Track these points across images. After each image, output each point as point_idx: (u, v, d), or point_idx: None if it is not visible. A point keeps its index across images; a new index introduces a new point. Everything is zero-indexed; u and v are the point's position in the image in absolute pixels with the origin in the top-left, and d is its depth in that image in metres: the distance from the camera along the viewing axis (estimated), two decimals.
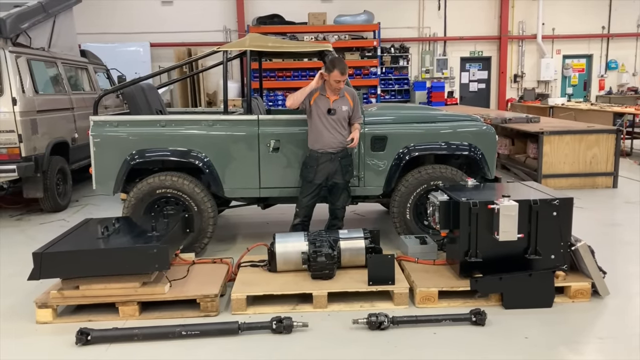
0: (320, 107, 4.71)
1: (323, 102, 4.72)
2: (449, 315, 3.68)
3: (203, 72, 10.08)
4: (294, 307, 3.97)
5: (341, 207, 4.97)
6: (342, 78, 4.61)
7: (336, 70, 4.56)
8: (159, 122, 4.95)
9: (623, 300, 4.02)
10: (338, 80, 4.60)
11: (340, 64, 4.59)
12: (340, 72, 4.56)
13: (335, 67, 4.57)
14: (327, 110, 4.70)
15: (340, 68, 4.57)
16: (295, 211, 4.97)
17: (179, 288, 4.01)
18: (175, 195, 4.93)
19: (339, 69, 4.56)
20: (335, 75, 4.57)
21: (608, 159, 7.80)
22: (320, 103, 4.71)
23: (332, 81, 4.62)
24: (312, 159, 4.78)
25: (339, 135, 4.74)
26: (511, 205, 3.83)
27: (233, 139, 4.97)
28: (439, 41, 15.96)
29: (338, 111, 4.71)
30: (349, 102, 4.78)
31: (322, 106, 4.71)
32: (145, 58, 14.82)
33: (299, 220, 4.91)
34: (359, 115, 4.87)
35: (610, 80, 16.51)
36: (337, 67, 4.56)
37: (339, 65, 4.58)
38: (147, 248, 3.73)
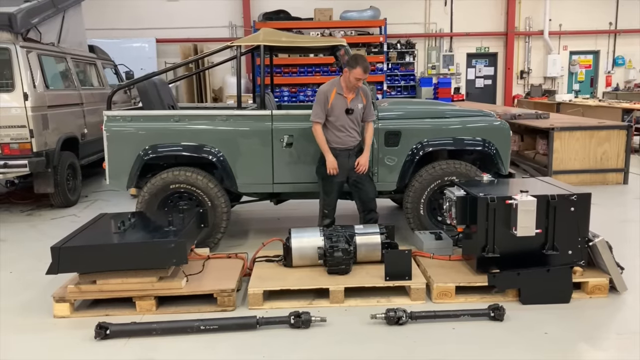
0: (338, 107, 4.67)
1: (341, 102, 4.68)
2: (468, 311, 3.67)
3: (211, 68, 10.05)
4: (311, 302, 3.97)
5: (372, 197, 4.91)
6: (364, 77, 4.57)
7: (359, 68, 4.50)
8: (172, 117, 4.94)
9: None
10: (359, 78, 4.55)
11: (363, 62, 4.54)
12: (362, 70, 4.51)
13: (359, 64, 4.51)
14: (345, 110, 4.68)
15: (364, 66, 4.52)
16: (323, 213, 4.90)
17: (196, 283, 4.01)
18: (189, 191, 4.93)
19: (362, 66, 4.51)
20: (357, 72, 4.52)
21: (619, 155, 7.78)
22: (338, 103, 4.67)
23: (352, 78, 4.56)
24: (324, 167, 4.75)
25: (354, 133, 4.73)
26: (529, 200, 3.81)
27: (246, 134, 4.96)
28: (445, 37, 15.91)
29: (355, 110, 4.70)
30: (363, 99, 4.76)
31: (340, 106, 4.68)
32: (151, 54, 14.82)
33: (329, 222, 4.86)
34: (372, 113, 4.84)
35: (617, 76, 16.45)
36: (360, 65, 4.50)
37: (363, 63, 4.52)
38: (165, 243, 3.73)
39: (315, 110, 4.67)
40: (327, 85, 4.73)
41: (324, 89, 4.69)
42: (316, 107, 4.67)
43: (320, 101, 4.65)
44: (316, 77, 14.51)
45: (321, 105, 4.65)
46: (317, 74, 14.53)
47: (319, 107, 4.65)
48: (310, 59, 14.26)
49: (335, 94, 4.65)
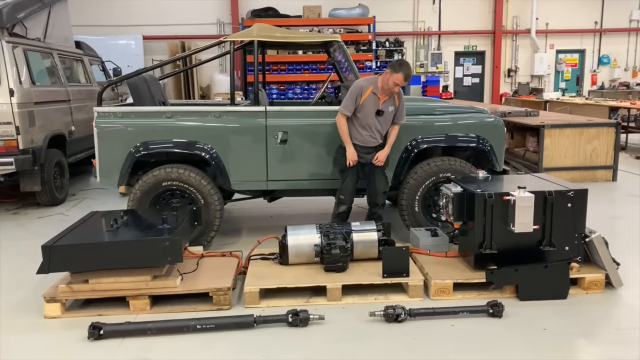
0: (369, 107, 4.64)
1: (373, 102, 4.64)
2: (466, 308, 3.65)
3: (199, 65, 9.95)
4: (308, 300, 3.92)
5: (381, 191, 4.88)
6: (404, 83, 4.55)
7: (401, 74, 4.46)
8: (164, 114, 4.86)
9: (637, 291, 4.02)
10: (397, 83, 4.52)
11: (407, 69, 4.50)
12: (404, 76, 4.48)
13: (402, 70, 4.47)
14: (376, 111, 4.65)
15: (406, 73, 4.48)
16: (340, 198, 4.87)
17: (190, 281, 3.94)
18: (182, 188, 4.85)
19: (404, 73, 4.47)
20: (398, 77, 4.48)
21: (608, 153, 7.84)
22: (370, 102, 4.63)
23: (391, 82, 4.52)
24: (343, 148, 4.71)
25: (378, 134, 4.74)
26: (527, 196, 3.80)
27: (240, 131, 4.90)
28: (434, 35, 15.96)
29: (385, 112, 4.68)
30: (396, 102, 4.73)
31: (372, 106, 4.64)
32: (138, 51, 14.63)
33: (345, 208, 4.84)
34: (403, 116, 4.82)
35: (602, 75, 16.64)
36: (403, 71, 4.46)
37: (406, 70, 4.48)
38: (160, 241, 3.66)
39: (346, 103, 4.61)
40: (364, 81, 4.68)
41: (361, 84, 4.63)
42: (347, 100, 4.61)
43: (353, 95, 4.60)
44: (305, 75, 14.46)
45: (353, 99, 4.60)
46: (306, 72, 14.46)
47: (350, 101, 4.60)
48: (299, 57, 14.21)
49: (370, 92, 4.61)
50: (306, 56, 14.28)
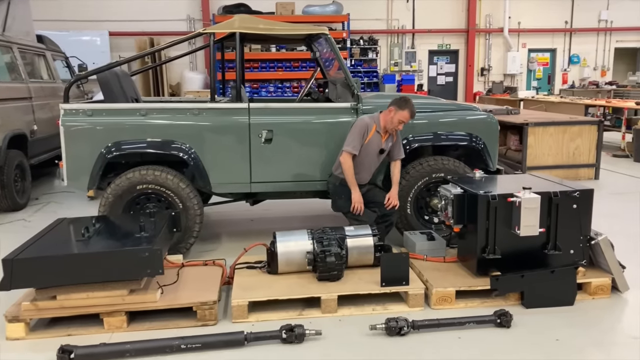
0: (373, 146, 4.42)
1: (377, 141, 4.43)
2: (473, 318, 3.40)
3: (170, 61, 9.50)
4: (300, 313, 3.62)
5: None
6: (407, 120, 4.34)
7: (406, 111, 4.27)
8: (138, 111, 4.48)
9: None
10: (402, 121, 4.31)
11: (412, 105, 4.30)
12: (410, 113, 4.29)
13: (408, 106, 4.26)
14: (379, 150, 4.45)
15: (412, 111, 4.28)
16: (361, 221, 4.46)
17: (171, 295, 3.59)
18: (158, 192, 4.48)
19: (410, 110, 4.27)
20: (404, 115, 4.28)
21: (590, 151, 7.78)
22: (374, 140, 4.41)
23: (396, 120, 4.30)
24: (344, 188, 4.43)
25: (374, 171, 4.56)
26: (533, 197, 3.59)
27: (221, 129, 4.56)
28: (408, 34, 15.83)
29: (386, 151, 4.50)
30: (394, 137, 4.53)
31: (375, 145, 4.43)
32: (104, 48, 14.05)
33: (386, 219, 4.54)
34: (401, 152, 4.60)
35: (572, 74, 16.82)
36: (409, 108, 4.27)
37: (411, 107, 4.28)
38: (138, 251, 3.29)
39: (353, 141, 4.34)
40: (369, 119, 4.42)
41: (367, 121, 4.38)
42: (355, 138, 4.34)
43: (361, 132, 4.34)
44: (278, 73, 14.12)
45: (360, 136, 4.35)
46: (280, 70, 14.13)
47: (357, 138, 4.34)
48: (273, 54, 13.88)
49: (374, 131, 4.38)
50: (280, 54, 13.95)
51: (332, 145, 4.67)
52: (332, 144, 4.67)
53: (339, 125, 4.68)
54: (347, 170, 4.33)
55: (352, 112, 4.69)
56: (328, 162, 4.66)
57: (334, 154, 4.62)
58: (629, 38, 16.80)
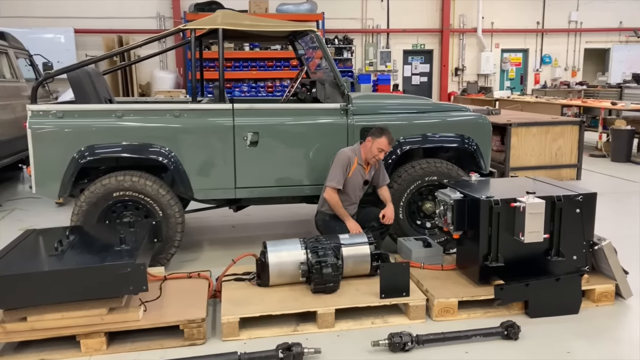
0: (357, 178, 4.27)
1: (360, 173, 4.29)
2: (479, 330, 3.23)
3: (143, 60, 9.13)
4: (295, 329, 3.38)
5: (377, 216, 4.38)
6: (388, 149, 4.16)
7: (384, 138, 4.10)
8: (114, 113, 4.17)
9: None
10: (382, 149, 4.13)
11: (389, 134, 4.13)
12: (388, 141, 4.12)
13: (384, 134, 4.10)
14: (363, 182, 4.29)
15: (389, 138, 4.12)
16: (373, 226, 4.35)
17: (155, 312, 3.30)
18: (136, 199, 4.18)
19: (387, 137, 4.11)
20: (382, 142, 4.11)
21: (572, 151, 7.75)
22: (357, 173, 4.26)
23: (374, 148, 4.13)
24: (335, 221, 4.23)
25: (358, 202, 4.42)
26: (538, 202, 3.43)
27: (204, 132, 4.28)
28: (382, 33, 15.73)
29: (369, 181, 4.36)
30: (376, 165, 4.37)
31: (359, 177, 4.28)
32: (69, 46, 13.52)
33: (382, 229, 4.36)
34: (387, 178, 4.45)
35: (544, 74, 17.01)
36: (385, 135, 4.10)
37: (388, 135, 4.12)
38: (119, 266, 3.00)
39: (336, 175, 4.16)
40: (350, 151, 4.24)
41: (349, 154, 4.21)
42: (337, 172, 4.16)
43: (344, 166, 4.17)
44: (252, 72, 13.80)
45: (343, 170, 4.17)
46: (254, 69, 13.81)
47: (340, 172, 4.16)
48: (247, 53, 13.56)
49: (357, 163, 4.22)
50: (254, 52, 13.65)
51: (321, 148, 4.45)
52: (321, 147, 4.45)
53: (329, 127, 4.47)
54: (334, 205, 4.19)
55: (341, 113, 4.48)
56: (317, 165, 4.44)
57: (323, 157, 4.40)
58: (598, 39, 17.08)
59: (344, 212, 4.21)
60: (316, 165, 4.44)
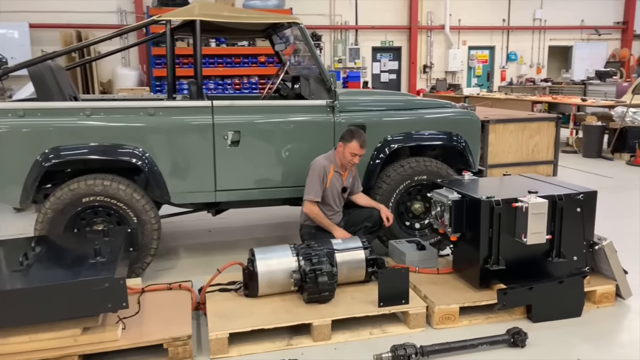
0: (334, 186, 4.06)
1: (338, 181, 4.09)
2: (485, 339, 3.05)
3: (104, 57, 8.68)
4: (289, 343, 3.14)
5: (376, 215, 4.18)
6: (361, 152, 3.96)
7: (355, 142, 3.90)
8: (82, 111, 3.82)
9: None
10: (355, 153, 3.93)
11: (360, 136, 3.93)
12: (360, 144, 3.91)
13: (355, 137, 3.90)
14: (342, 189, 4.09)
15: (361, 140, 3.91)
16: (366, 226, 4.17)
17: (135, 329, 3.00)
18: (107, 204, 3.85)
19: (358, 140, 3.90)
20: (354, 147, 3.90)
21: (549, 148, 7.74)
22: (335, 181, 4.06)
23: (347, 153, 3.93)
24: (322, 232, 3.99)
25: (341, 210, 4.22)
26: (540, 202, 3.29)
27: (181, 131, 3.98)
28: (351, 30, 15.55)
29: (349, 187, 4.16)
30: (353, 172, 4.19)
31: (337, 185, 4.08)
32: (24, 41, 12.79)
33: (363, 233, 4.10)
34: (360, 184, 4.30)
35: (510, 71, 17.17)
36: (356, 138, 3.90)
37: (359, 137, 3.91)
38: (96, 282, 2.69)
39: (313, 188, 3.95)
40: (324, 160, 4.01)
41: (324, 164, 3.98)
42: (314, 183, 3.95)
43: (320, 176, 3.96)
44: (219, 69, 13.38)
45: (320, 181, 3.96)
46: (220, 66, 13.40)
47: (317, 184, 3.94)
48: (213, 49, 13.12)
49: (333, 171, 4.01)
50: (220, 49, 13.24)
51: (306, 148, 4.21)
52: (306, 146, 4.21)
53: (314, 125, 4.23)
54: (317, 218, 3.99)
55: (327, 110, 4.25)
56: (303, 165, 4.19)
57: (309, 157, 4.15)
58: (561, 37, 17.37)
59: (328, 222, 4.00)
60: (302, 165, 4.19)
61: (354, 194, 4.27)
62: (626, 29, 17.69)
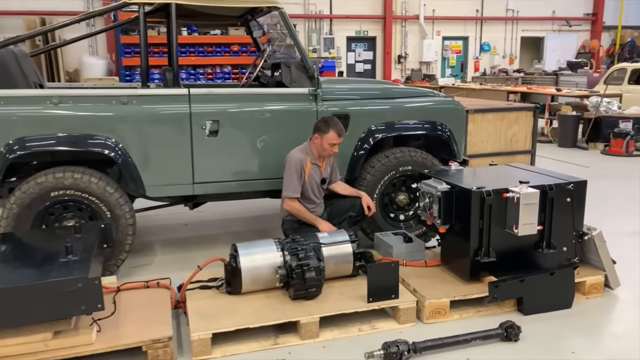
0: (315, 179, 3.91)
1: (316, 173, 3.92)
2: (478, 333, 2.97)
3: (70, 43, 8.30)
4: (275, 342, 2.99)
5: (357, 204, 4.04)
6: (340, 140, 3.80)
7: (332, 131, 3.73)
8: (49, 99, 3.58)
9: (635, 291, 3.63)
10: (333, 143, 3.78)
11: (336, 124, 3.77)
12: (337, 133, 3.76)
13: (331, 127, 3.74)
14: (321, 181, 3.94)
15: (337, 129, 3.75)
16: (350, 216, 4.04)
17: (111, 332, 2.82)
18: (78, 199, 3.62)
19: (335, 129, 3.74)
20: (331, 137, 3.74)
21: (527, 137, 7.71)
22: (313, 174, 3.90)
23: (325, 145, 3.77)
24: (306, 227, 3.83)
25: (322, 203, 4.07)
26: (532, 192, 3.22)
27: (156, 120, 3.77)
28: (325, 19, 15.37)
29: (327, 179, 4.01)
30: (330, 161, 4.04)
31: (316, 177, 3.92)
32: None
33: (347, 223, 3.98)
34: (338, 173, 4.15)
35: (484, 61, 17.27)
36: (332, 128, 3.74)
37: (335, 126, 3.75)
38: (68, 283, 2.49)
39: (292, 184, 3.78)
40: (300, 153, 3.84)
41: (299, 157, 3.81)
42: (291, 180, 3.78)
43: (297, 171, 3.79)
44: (190, 58, 13.08)
45: (298, 177, 3.80)
46: (192, 55, 13.09)
47: (295, 180, 3.78)
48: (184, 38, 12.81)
49: (310, 164, 3.84)
50: (192, 37, 12.93)
51: (288, 138, 4.04)
52: (288, 136, 4.05)
53: (296, 114, 4.07)
54: (299, 213, 3.84)
55: (310, 98, 4.09)
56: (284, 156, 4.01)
57: (291, 147, 3.99)
58: (533, 27, 17.53)
59: (312, 216, 3.86)
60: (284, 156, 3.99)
61: (333, 183, 4.14)
62: (595, 20, 17.96)
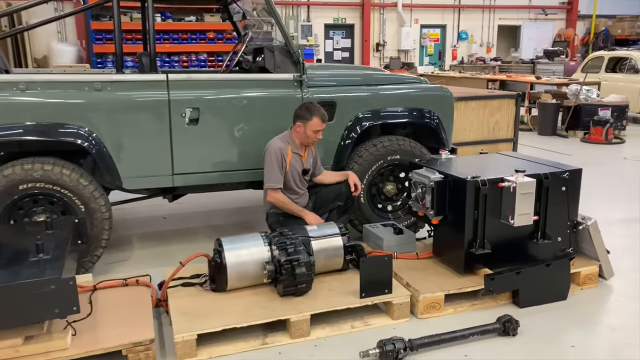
0: (295, 168, 3.72)
1: (298, 162, 3.75)
2: (476, 328, 2.86)
3: (35, 27, 7.92)
4: (264, 341, 2.84)
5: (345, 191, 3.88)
6: (323, 126, 3.64)
7: (315, 118, 3.58)
8: (16, 85, 3.33)
9: (629, 281, 3.57)
10: (317, 130, 3.62)
11: (318, 110, 3.60)
12: (321, 119, 3.61)
13: (314, 114, 3.57)
14: (302, 171, 3.77)
15: (320, 114, 3.60)
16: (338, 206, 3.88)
17: (88, 335, 2.62)
18: (50, 192, 3.39)
19: (318, 115, 3.59)
20: (315, 124, 3.59)
21: (509, 125, 7.68)
22: (295, 164, 3.72)
23: (309, 132, 3.62)
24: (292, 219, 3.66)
25: (306, 193, 3.90)
26: (528, 182, 3.12)
27: (133, 108, 3.56)
28: (303, 6, 15.13)
29: (310, 169, 3.84)
30: (313, 152, 3.86)
31: (297, 167, 3.75)
32: None
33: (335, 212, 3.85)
34: (321, 167, 3.98)
35: (461, 50, 17.26)
36: (315, 114, 3.58)
37: (318, 111, 3.59)
38: (40, 284, 2.29)
39: (273, 175, 3.61)
40: (279, 142, 3.66)
41: (279, 146, 3.64)
42: (272, 170, 3.61)
43: (278, 161, 3.62)
44: (165, 46, 12.70)
45: (279, 167, 3.62)
46: (166, 42, 12.71)
47: (276, 170, 3.61)
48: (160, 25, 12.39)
49: (291, 153, 3.66)
50: (166, 24, 12.55)
51: (271, 126, 3.86)
52: (271, 124, 3.86)
53: (280, 101, 3.89)
54: (284, 205, 3.67)
55: (295, 84, 3.91)
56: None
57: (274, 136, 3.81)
58: (510, 16, 17.56)
59: (297, 207, 3.70)
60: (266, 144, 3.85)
61: (318, 175, 3.98)
62: (571, 9, 18.09)
